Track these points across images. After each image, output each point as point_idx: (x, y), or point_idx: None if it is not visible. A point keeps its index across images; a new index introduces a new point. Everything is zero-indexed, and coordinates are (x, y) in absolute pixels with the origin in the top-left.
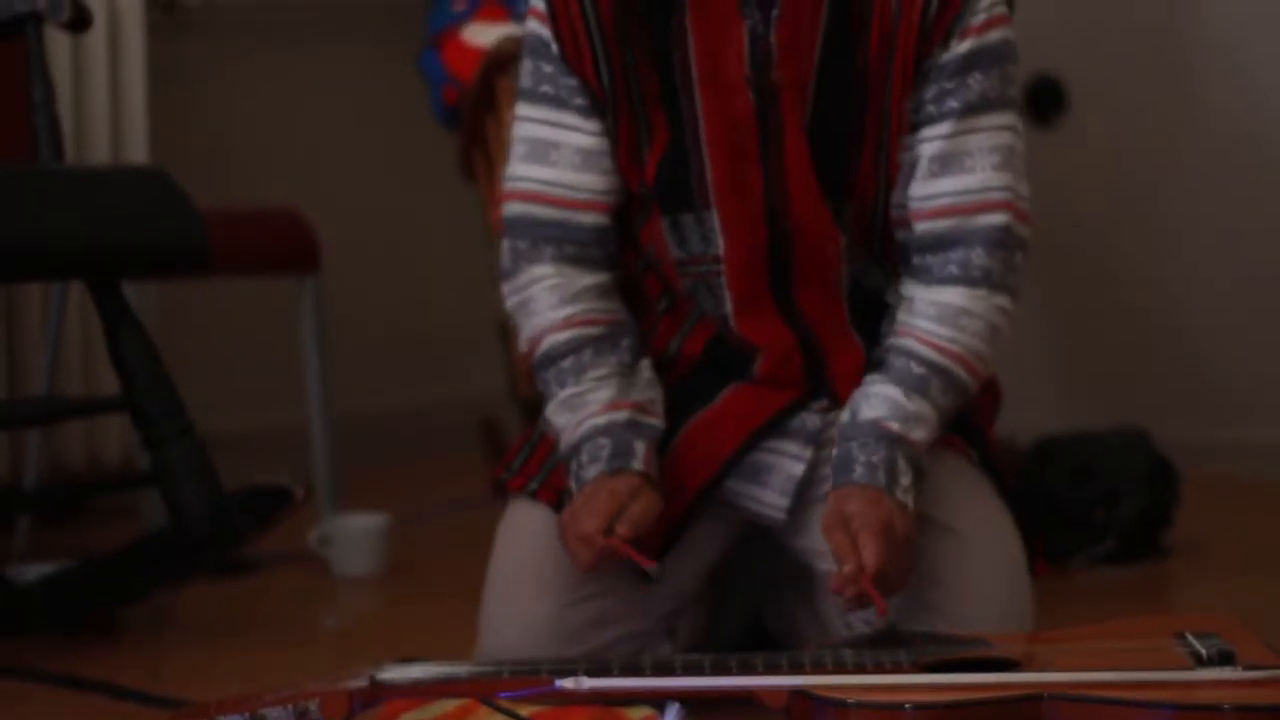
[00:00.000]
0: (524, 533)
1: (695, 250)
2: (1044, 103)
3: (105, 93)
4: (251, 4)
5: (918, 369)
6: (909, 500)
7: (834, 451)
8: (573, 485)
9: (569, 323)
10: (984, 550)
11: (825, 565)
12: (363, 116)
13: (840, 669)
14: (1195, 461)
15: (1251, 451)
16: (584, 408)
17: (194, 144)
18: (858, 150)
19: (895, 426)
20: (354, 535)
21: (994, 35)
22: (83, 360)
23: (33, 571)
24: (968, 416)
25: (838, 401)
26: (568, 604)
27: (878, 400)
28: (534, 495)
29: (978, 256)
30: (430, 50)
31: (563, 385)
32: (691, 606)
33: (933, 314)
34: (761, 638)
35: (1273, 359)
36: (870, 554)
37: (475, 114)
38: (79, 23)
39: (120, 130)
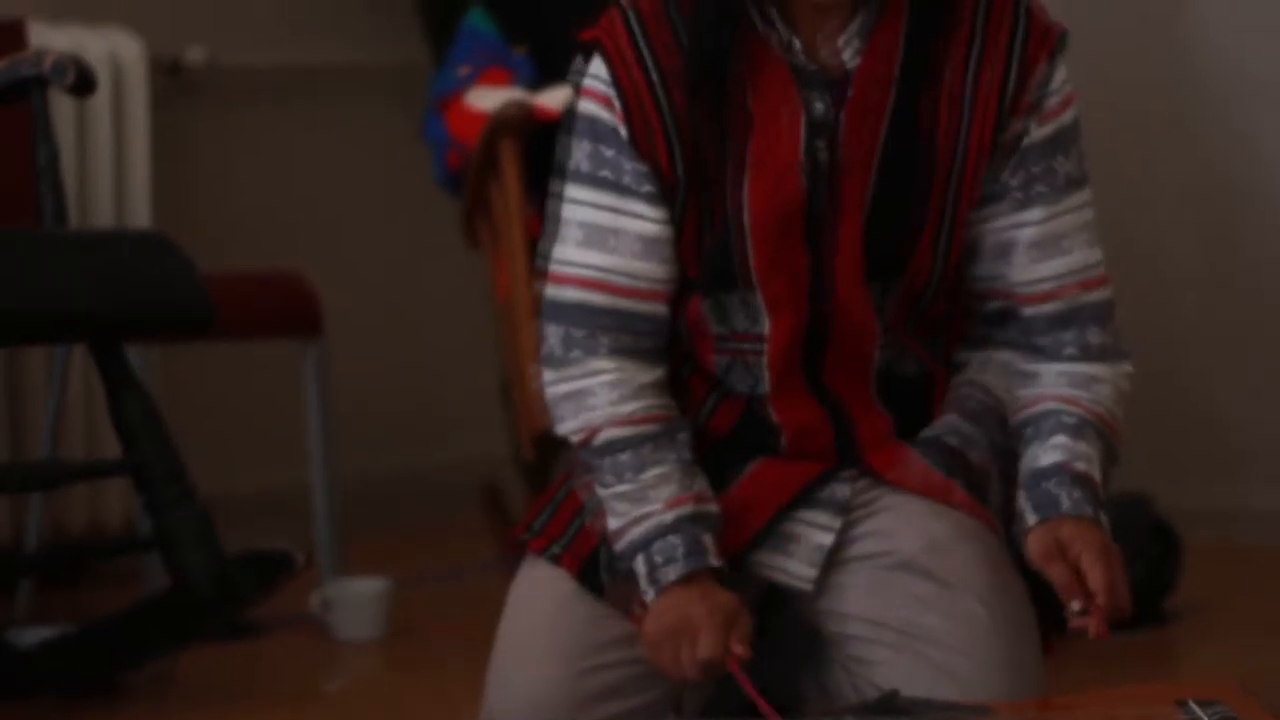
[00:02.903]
0: (542, 595)
1: (739, 328)
2: None
3: (109, 156)
4: (256, 67)
5: (1069, 419)
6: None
7: (1022, 495)
8: (645, 587)
9: (631, 419)
10: (990, 613)
11: (836, 628)
12: (366, 181)
13: None
14: (1196, 526)
15: (1252, 516)
16: (646, 502)
17: (198, 207)
18: (919, 229)
19: (1080, 466)
20: (355, 599)
21: (1069, 114)
22: (85, 423)
23: (34, 635)
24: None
25: (866, 470)
26: (581, 672)
27: (1052, 449)
28: (556, 559)
29: (1093, 335)
30: (434, 114)
31: (620, 478)
32: (697, 680)
33: (1064, 382)
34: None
35: (1274, 423)
36: (1098, 576)
37: (479, 179)
38: (83, 87)
39: (123, 194)
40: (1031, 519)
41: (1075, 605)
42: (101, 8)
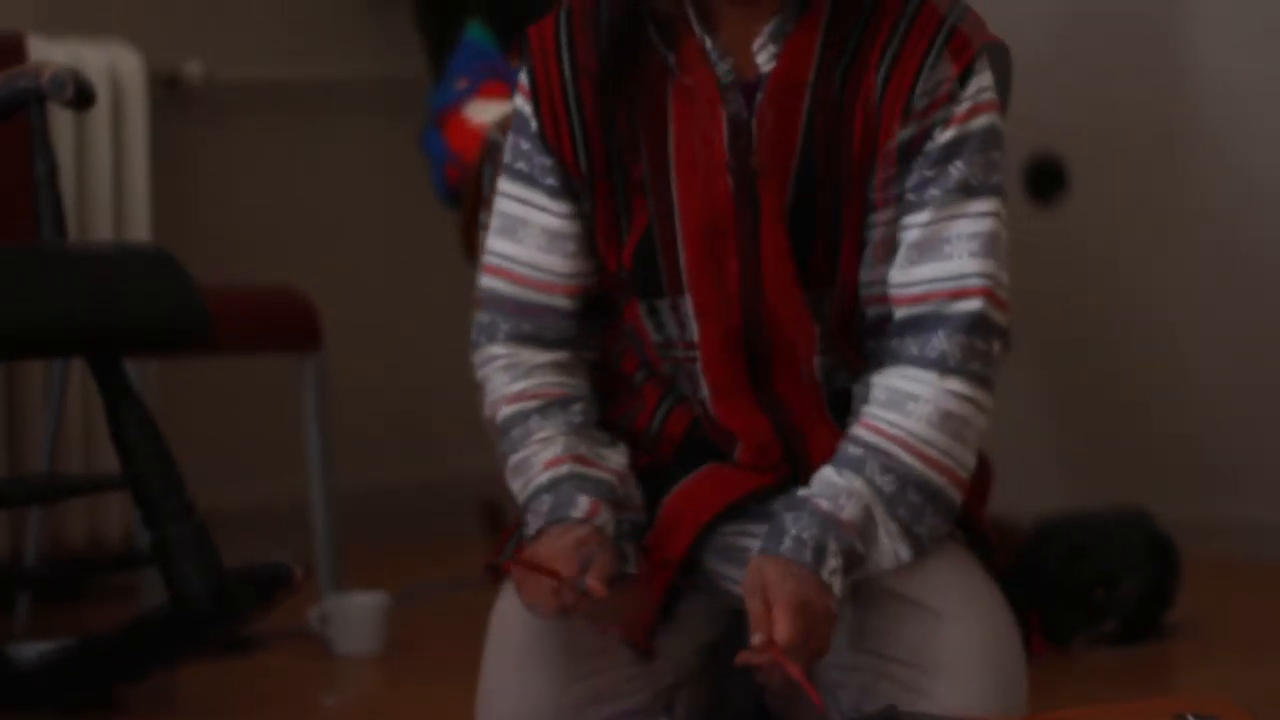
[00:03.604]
0: (517, 615)
1: (672, 336)
2: (1044, 182)
3: (108, 170)
4: (254, 81)
5: (855, 450)
6: (835, 582)
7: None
8: (526, 539)
9: (521, 395)
10: (964, 629)
11: None
12: (365, 194)
13: None
14: (1195, 541)
15: (1251, 531)
16: (529, 470)
17: (196, 221)
18: (840, 237)
19: (824, 504)
20: (354, 614)
21: (978, 122)
22: (84, 438)
23: (32, 650)
24: None
25: None
26: (565, 680)
27: (815, 479)
28: None
29: (938, 340)
30: (432, 128)
31: (514, 452)
32: (691, 683)
33: (882, 399)
34: (765, 719)
35: (1272, 438)
36: (781, 628)
37: (477, 192)
38: (82, 101)
39: (122, 208)
40: (754, 546)
41: (756, 639)
42: (100, 21)
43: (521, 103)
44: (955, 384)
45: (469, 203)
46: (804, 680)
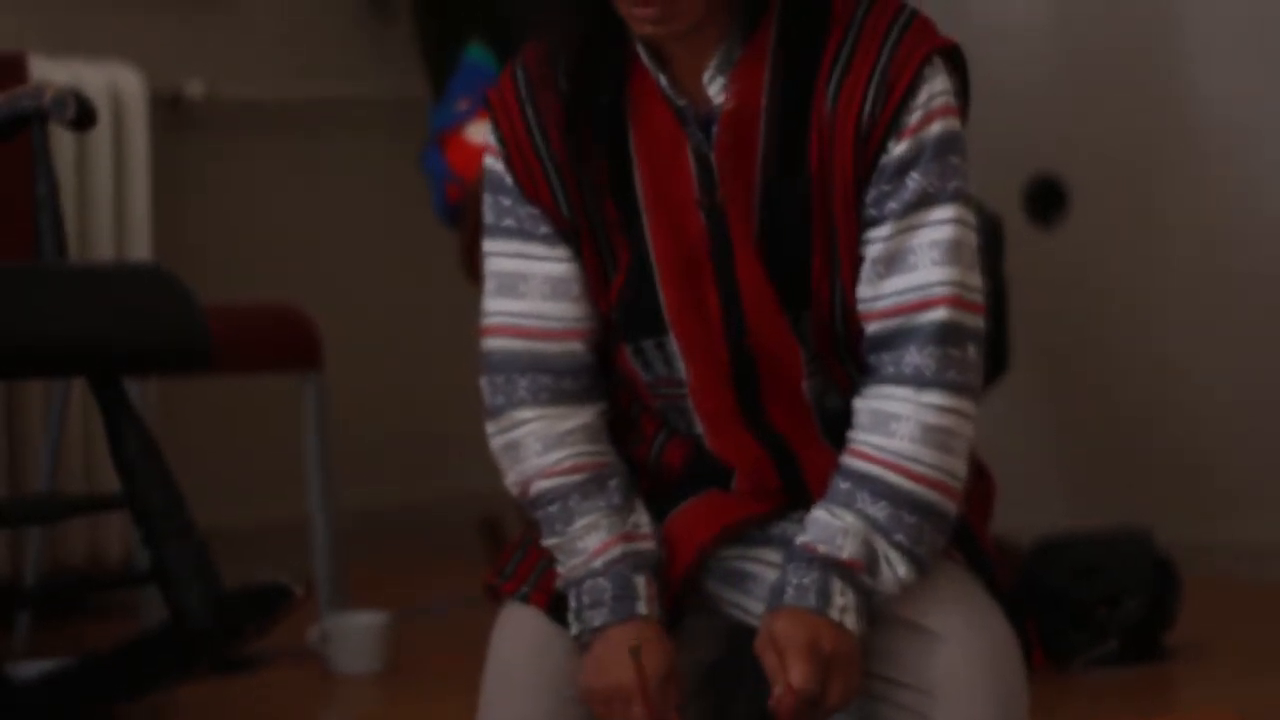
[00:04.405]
0: (518, 635)
1: (660, 374)
2: (1044, 203)
3: (109, 190)
4: (255, 101)
5: (843, 484)
6: (848, 620)
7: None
8: (573, 626)
9: (557, 470)
10: (964, 650)
11: None
12: (366, 213)
13: None
14: (1195, 561)
15: (1252, 551)
16: (575, 554)
17: (197, 240)
18: (809, 258)
19: (821, 548)
20: (354, 633)
21: (933, 130)
22: (84, 457)
23: (32, 668)
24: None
25: None
26: (566, 700)
27: (809, 523)
28: (526, 599)
29: (911, 354)
30: (433, 148)
31: (553, 530)
32: (691, 705)
33: (865, 423)
34: None
35: (1273, 458)
36: (796, 674)
37: (478, 212)
38: (83, 120)
39: (123, 226)
40: (754, 570)
41: (776, 690)
42: (102, 41)
43: (492, 162)
44: (934, 397)
45: (470, 222)
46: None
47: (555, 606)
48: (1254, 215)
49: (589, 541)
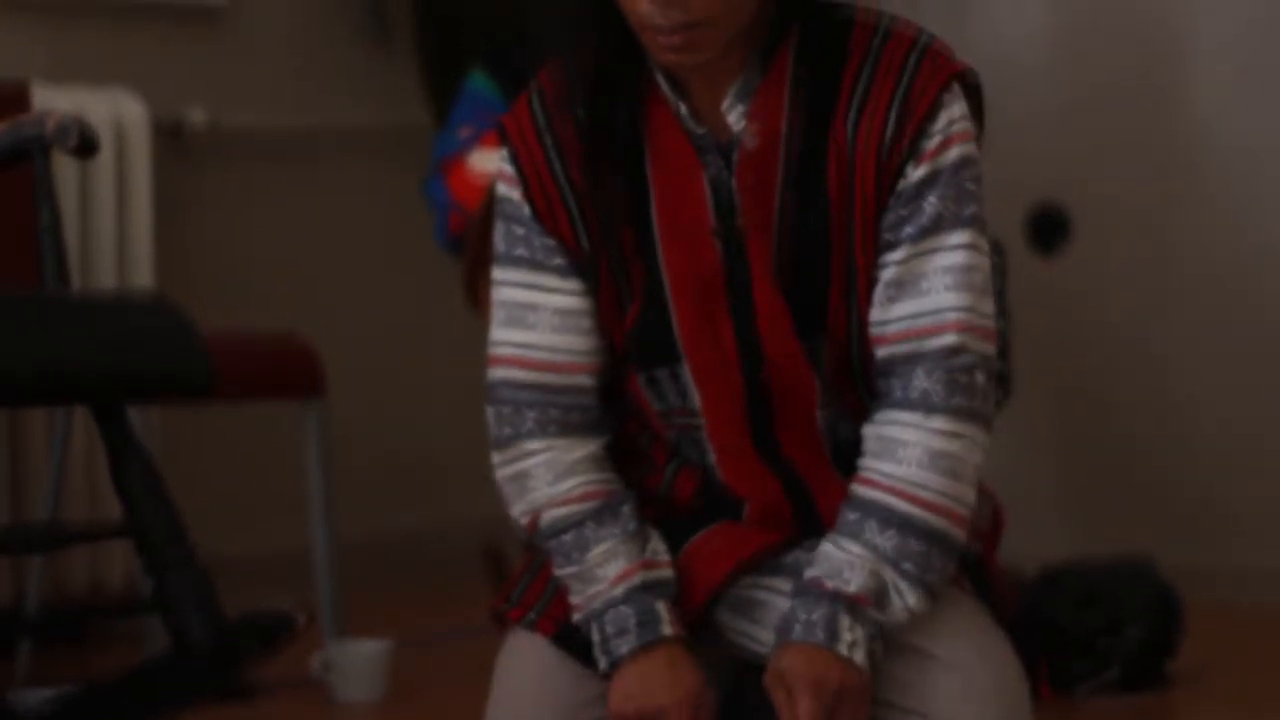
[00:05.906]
0: (524, 662)
1: (673, 404)
2: (1047, 232)
3: (111, 218)
4: (258, 129)
5: (851, 515)
6: (856, 654)
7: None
8: (600, 661)
9: (569, 499)
10: (971, 679)
11: None
12: (367, 241)
13: None
14: (1198, 588)
15: (1254, 579)
16: (594, 582)
17: (200, 268)
18: (827, 287)
19: (829, 583)
20: (356, 661)
21: (951, 155)
22: (87, 484)
23: (34, 697)
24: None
25: None
26: None
27: (818, 557)
28: (533, 626)
29: (919, 379)
30: (436, 176)
31: (568, 559)
32: None
33: (874, 449)
34: None
35: (1275, 485)
36: (803, 710)
37: (480, 240)
38: (86, 149)
39: (126, 255)
40: (765, 599)
41: None
42: (104, 69)
43: (507, 190)
44: (941, 422)
45: (472, 251)
46: None
47: (562, 635)
48: (1256, 243)
49: (609, 569)
